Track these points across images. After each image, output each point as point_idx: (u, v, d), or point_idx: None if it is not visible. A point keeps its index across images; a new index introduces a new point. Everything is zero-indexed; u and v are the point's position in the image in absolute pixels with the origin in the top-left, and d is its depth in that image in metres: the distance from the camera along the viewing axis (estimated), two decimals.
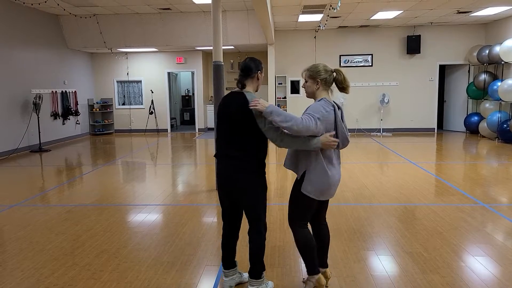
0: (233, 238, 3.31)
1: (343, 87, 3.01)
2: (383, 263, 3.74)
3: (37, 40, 11.44)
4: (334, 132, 2.88)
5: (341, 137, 2.96)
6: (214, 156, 3.10)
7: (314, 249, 3.11)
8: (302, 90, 13.40)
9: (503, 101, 10.98)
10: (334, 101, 3.00)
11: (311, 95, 3.06)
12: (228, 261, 3.30)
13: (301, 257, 3.36)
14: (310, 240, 3.10)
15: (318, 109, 2.86)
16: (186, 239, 4.42)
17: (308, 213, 3.11)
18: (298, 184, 3.03)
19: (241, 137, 2.96)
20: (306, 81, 3.07)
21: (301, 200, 3.04)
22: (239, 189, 3.04)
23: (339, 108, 3.01)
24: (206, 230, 4.72)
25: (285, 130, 2.86)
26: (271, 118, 2.80)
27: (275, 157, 9.52)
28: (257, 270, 3.12)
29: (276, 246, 4.19)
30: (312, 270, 3.12)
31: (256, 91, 3.13)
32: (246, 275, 3.39)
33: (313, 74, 3.00)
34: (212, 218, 5.15)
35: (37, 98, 10.77)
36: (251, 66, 3.04)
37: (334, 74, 3.02)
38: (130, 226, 4.89)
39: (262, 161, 3.06)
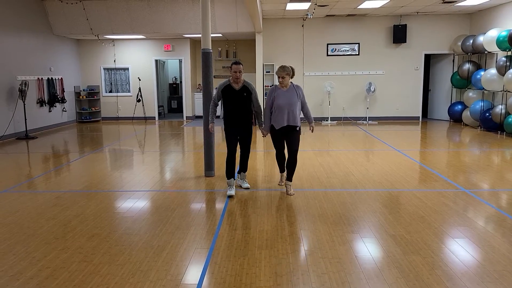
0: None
1: (292, 76, 5.47)
2: (367, 245, 3.88)
3: (22, 26, 11.29)
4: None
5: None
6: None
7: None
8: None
9: (486, 90, 11.20)
10: (292, 82, 5.50)
11: (286, 84, 5.43)
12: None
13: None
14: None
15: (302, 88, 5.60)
16: (176, 224, 4.51)
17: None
18: (298, 130, 5.52)
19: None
20: (284, 77, 5.34)
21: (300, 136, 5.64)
22: None
23: (298, 86, 5.52)
24: (195, 215, 4.81)
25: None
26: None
27: (262, 146, 9.62)
28: (246, 166, 5.90)
29: (264, 230, 4.30)
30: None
31: (232, 79, 5.52)
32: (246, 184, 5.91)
33: (290, 73, 5.38)
34: (201, 203, 5.24)
35: (23, 85, 10.67)
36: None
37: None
38: (120, 211, 4.96)
39: (226, 117, 5.62)
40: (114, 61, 14.77)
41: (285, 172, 5.79)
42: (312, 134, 10.94)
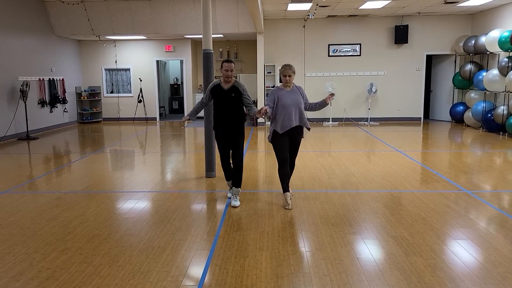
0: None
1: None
2: (368, 247, 3.86)
3: (24, 27, 11.30)
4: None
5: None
6: None
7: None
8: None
9: (487, 91, 11.17)
10: (293, 83, 5.21)
11: (291, 84, 5.13)
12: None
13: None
14: None
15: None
16: (177, 225, 4.50)
17: None
18: (302, 133, 5.20)
19: None
20: (290, 76, 5.04)
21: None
22: None
23: (300, 87, 5.26)
24: (196, 216, 4.79)
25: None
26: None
27: (263, 147, 9.61)
28: (238, 182, 5.28)
29: (264, 231, 4.28)
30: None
31: (223, 78, 5.16)
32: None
33: (295, 71, 5.14)
34: (202, 204, 5.23)
35: (24, 86, 10.67)
36: None
37: None
38: (121, 212, 4.95)
39: (214, 119, 5.34)
40: (115, 61, 14.77)
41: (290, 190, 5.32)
42: (313, 135, 10.92)
